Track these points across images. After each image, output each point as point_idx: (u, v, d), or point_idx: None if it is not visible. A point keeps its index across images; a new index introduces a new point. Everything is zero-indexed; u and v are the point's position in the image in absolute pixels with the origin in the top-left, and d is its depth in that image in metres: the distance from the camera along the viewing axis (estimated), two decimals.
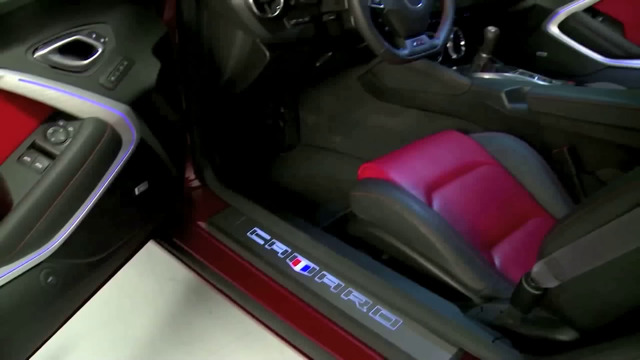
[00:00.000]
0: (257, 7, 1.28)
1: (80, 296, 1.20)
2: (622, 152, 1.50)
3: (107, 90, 1.02)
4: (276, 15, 1.31)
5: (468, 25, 2.09)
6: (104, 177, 1.07)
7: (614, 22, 2.30)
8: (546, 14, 2.40)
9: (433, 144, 1.51)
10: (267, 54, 1.37)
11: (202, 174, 1.52)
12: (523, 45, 2.49)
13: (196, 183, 1.54)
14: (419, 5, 1.37)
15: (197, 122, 1.47)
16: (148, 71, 1.12)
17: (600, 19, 2.33)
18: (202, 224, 1.43)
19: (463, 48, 2.09)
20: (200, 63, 1.43)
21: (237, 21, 1.30)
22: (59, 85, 0.94)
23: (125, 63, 1.06)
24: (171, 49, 1.27)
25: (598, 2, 2.29)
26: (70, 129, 1.00)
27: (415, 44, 1.37)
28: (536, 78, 1.86)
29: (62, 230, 1.02)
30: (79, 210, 1.04)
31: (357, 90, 1.99)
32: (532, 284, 0.93)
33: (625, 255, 0.78)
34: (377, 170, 1.35)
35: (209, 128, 1.52)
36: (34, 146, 0.98)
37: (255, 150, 1.99)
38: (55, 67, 0.94)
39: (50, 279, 1.02)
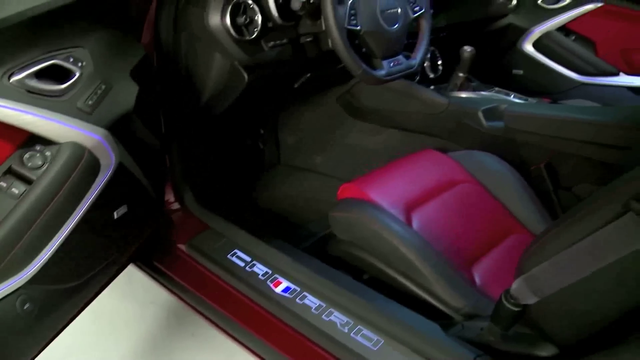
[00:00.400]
0: (235, 30, 1.30)
1: (59, 322, 1.18)
2: (598, 168, 1.52)
3: (85, 114, 1.02)
4: (254, 37, 1.33)
5: (445, 45, 2.12)
6: (82, 201, 1.06)
7: (586, 41, 2.36)
8: (521, 32, 2.46)
9: (412, 163, 1.52)
10: (245, 76, 1.38)
11: (181, 196, 1.52)
12: (499, 63, 2.54)
13: (176, 205, 1.54)
14: (395, 26, 1.39)
15: (176, 144, 1.48)
16: (126, 95, 1.12)
17: (573, 37, 2.38)
18: (182, 247, 1.42)
19: (440, 67, 2.12)
20: (178, 86, 1.43)
21: (215, 44, 1.32)
22: (35, 110, 0.94)
23: (103, 87, 1.06)
24: (150, 72, 1.28)
25: (570, 22, 2.36)
26: (48, 153, 0.99)
27: (392, 64, 1.39)
28: (512, 96, 1.89)
29: (40, 256, 1.01)
30: (57, 236, 1.03)
31: (336, 111, 2.01)
32: (512, 300, 0.94)
33: (601, 270, 0.79)
34: (357, 191, 1.36)
35: (188, 150, 1.52)
36: (10, 171, 0.97)
37: (235, 172, 1.99)
38: (31, 91, 0.94)
39: (26, 305, 1.01)
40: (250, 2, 1.32)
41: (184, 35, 1.38)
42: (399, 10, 1.41)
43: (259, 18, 1.34)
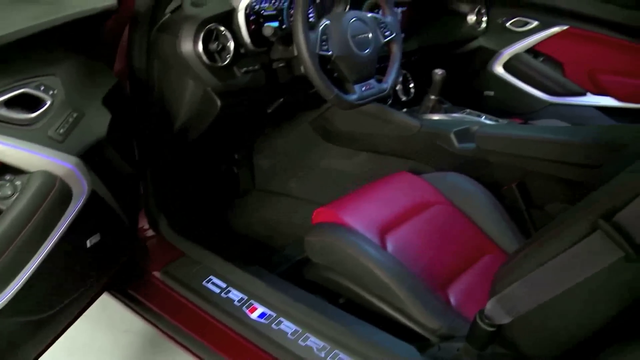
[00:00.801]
0: (207, 57, 1.31)
1: (30, 354, 1.16)
2: (568, 187, 1.55)
3: (56, 143, 1.01)
4: (226, 64, 1.34)
5: (417, 68, 2.16)
6: (54, 230, 1.05)
7: (554, 62, 2.42)
8: (491, 55, 2.52)
9: (386, 186, 1.54)
10: (218, 102, 1.39)
11: (156, 223, 1.51)
12: (471, 85, 2.59)
13: (150, 232, 1.53)
14: (366, 51, 1.41)
15: (150, 171, 1.47)
16: (98, 122, 1.12)
17: (541, 59, 2.45)
18: (157, 274, 1.41)
19: (412, 90, 2.15)
20: (152, 112, 1.43)
21: (188, 70, 1.33)
22: (5, 139, 0.93)
23: (75, 115, 1.06)
24: (122, 100, 1.28)
25: (538, 44, 2.42)
26: (18, 183, 0.98)
27: (364, 88, 1.41)
28: (483, 117, 1.93)
29: (9, 287, 0.99)
30: (28, 266, 1.01)
31: (309, 135, 2.02)
32: (486, 320, 0.95)
33: (574, 287, 0.81)
34: (331, 215, 1.37)
35: (162, 177, 1.52)
36: None
37: (210, 197, 1.99)
38: (1, 120, 0.93)
39: None
40: (222, 28, 1.34)
41: (157, 62, 1.38)
42: (370, 35, 1.44)
43: (231, 44, 1.35)
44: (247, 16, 1.38)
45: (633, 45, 2.20)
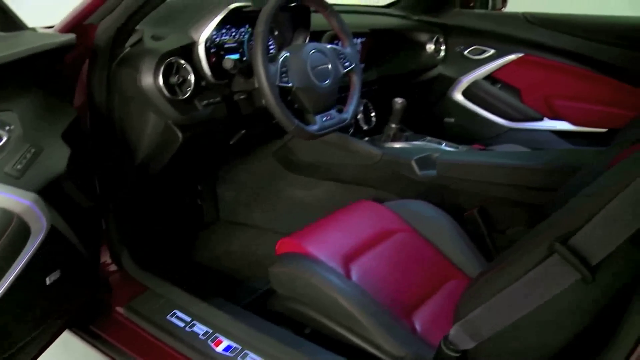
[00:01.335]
0: (168, 90, 1.32)
1: None
2: (528, 211, 1.59)
3: (13, 179, 1.00)
4: (187, 97, 1.35)
5: (377, 97, 2.19)
6: (11, 268, 1.03)
7: (512, 89, 2.50)
8: (450, 82, 2.59)
9: (349, 215, 1.55)
10: (180, 135, 1.40)
11: (118, 257, 1.50)
12: (432, 112, 2.65)
13: (113, 267, 1.51)
14: (326, 82, 1.44)
15: (112, 205, 1.46)
16: (57, 158, 1.11)
17: (499, 85, 2.52)
18: (120, 310, 1.39)
19: (373, 119, 2.18)
20: (113, 146, 1.43)
21: (149, 104, 1.33)
22: None
23: (33, 150, 1.05)
24: (82, 134, 1.27)
25: (496, 71, 2.50)
26: None
27: (324, 119, 1.44)
28: (444, 145, 1.97)
29: None
30: None
31: (273, 165, 2.04)
32: (451, 346, 0.96)
33: (535, 309, 0.83)
34: (295, 245, 1.37)
35: (124, 210, 1.51)
36: None
37: (174, 230, 1.98)
38: None
39: None
40: (182, 62, 1.35)
41: (117, 96, 1.38)
42: (330, 66, 1.47)
43: (192, 77, 1.36)
44: (207, 49, 1.40)
45: (584, 72, 2.29)
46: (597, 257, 0.76)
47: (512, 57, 2.45)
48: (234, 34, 1.52)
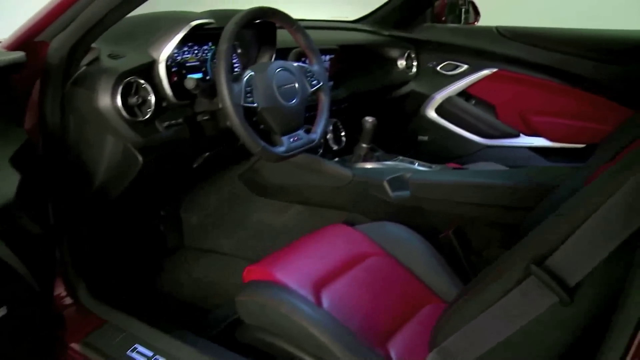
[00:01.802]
0: (127, 111, 1.31)
1: None
2: (505, 231, 1.61)
3: None
4: (147, 118, 1.35)
5: (347, 115, 2.21)
6: None
7: (486, 105, 2.55)
8: (423, 99, 2.64)
9: (320, 239, 1.55)
10: (140, 158, 1.39)
11: (74, 290, 1.47)
12: (405, 130, 2.68)
13: (68, 300, 1.48)
14: (293, 101, 1.46)
15: (67, 234, 1.44)
16: (6, 184, 1.10)
17: (473, 101, 2.57)
18: (76, 346, 1.37)
19: (343, 139, 2.19)
20: (68, 171, 1.41)
21: (106, 126, 1.32)
22: None
23: None
24: (34, 159, 1.26)
25: (470, 86, 2.55)
26: None
27: (292, 140, 1.45)
28: (417, 164, 1.98)
29: None
30: None
31: (239, 188, 2.04)
32: None
33: (512, 334, 0.84)
34: (263, 272, 1.37)
35: (81, 239, 1.49)
36: None
37: (134, 259, 1.95)
38: None
39: None
40: (142, 81, 1.35)
41: (72, 117, 1.37)
42: (296, 85, 1.49)
43: (152, 98, 1.36)
44: (168, 68, 1.40)
45: (560, 87, 2.35)
46: (574, 278, 0.77)
47: (486, 72, 2.50)
48: (196, 52, 1.52)
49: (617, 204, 0.74)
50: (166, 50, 1.39)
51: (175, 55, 1.45)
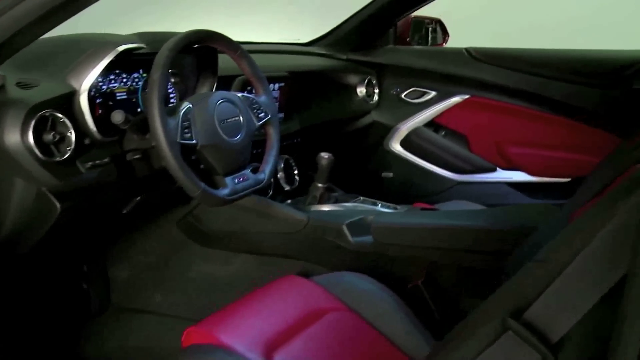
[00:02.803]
0: (41, 150, 1.27)
1: None
2: (482, 279, 1.63)
3: None
4: (66, 158, 1.32)
5: (300, 151, 2.24)
6: None
7: (458, 136, 2.59)
8: (386, 130, 2.67)
9: (271, 294, 1.55)
10: (58, 205, 1.36)
11: None
12: (366, 167, 2.70)
13: None
14: (237, 137, 1.47)
15: None
16: None
17: (443, 132, 2.61)
18: None
19: (296, 178, 2.21)
20: None
21: (15, 167, 1.28)
22: None
23: None
24: None
25: (439, 116, 2.58)
26: None
27: (237, 181, 1.46)
28: (379, 205, 2.01)
29: None
30: None
31: (177, 237, 2.03)
32: None
33: None
34: (205, 334, 1.36)
35: None
36: None
37: (52, 323, 1.92)
38: None
39: None
40: (59, 115, 1.31)
41: None
42: (241, 118, 1.50)
43: (72, 134, 1.33)
44: (91, 99, 1.38)
45: (539, 114, 2.41)
46: (557, 333, 0.78)
47: (456, 99, 2.54)
48: (124, 81, 1.52)
49: (600, 246, 0.75)
50: (89, 79, 1.37)
51: (100, 84, 1.44)
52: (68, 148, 1.33)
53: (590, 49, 2.36)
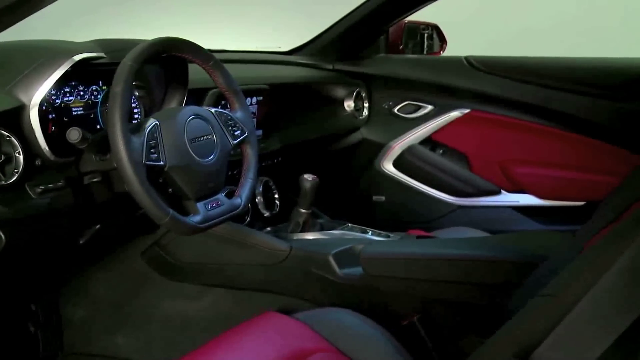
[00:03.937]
0: None
1: None
2: (484, 315, 1.64)
3: None
4: (13, 181, 1.30)
5: (281, 172, 2.24)
6: None
7: (457, 155, 2.61)
8: (377, 149, 2.68)
9: (249, 333, 1.55)
10: (2, 236, 1.33)
11: None
12: (355, 190, 2.71)
13: None
14: (210, 158, 1.47)
15: None
16: None
17: (441, 151, 2.63)
18: None
19: (277, 202, 2.22)
20: None
21: None
22: None
23: None
24: None
25: (436, 132, 2.60)
26: None
27: (209, 206, 1.45)
28: (370, 233, 2.02)
29: None
30: None
31: (141, 270, 2.02)
32: None
33: None
34: None
35: None
36: None
37: None
38: None
39: None
40: (5, 133, 1.30)
41: None
42: (214, 136, 1.50)
43: (20, 154, 1.32)
44: (43, 115, 1.37)
45: (549, 130, 2.43)
46: None
47: (455, 113, 2.56)
48: (82, 94, 1.52)
49: (614, 282, 0.76)
50: (40, 92, 1.35)
51: (53, 98, 1.43)
52: (15, 170, 1.31)
53: (605, 57, 2.37)
